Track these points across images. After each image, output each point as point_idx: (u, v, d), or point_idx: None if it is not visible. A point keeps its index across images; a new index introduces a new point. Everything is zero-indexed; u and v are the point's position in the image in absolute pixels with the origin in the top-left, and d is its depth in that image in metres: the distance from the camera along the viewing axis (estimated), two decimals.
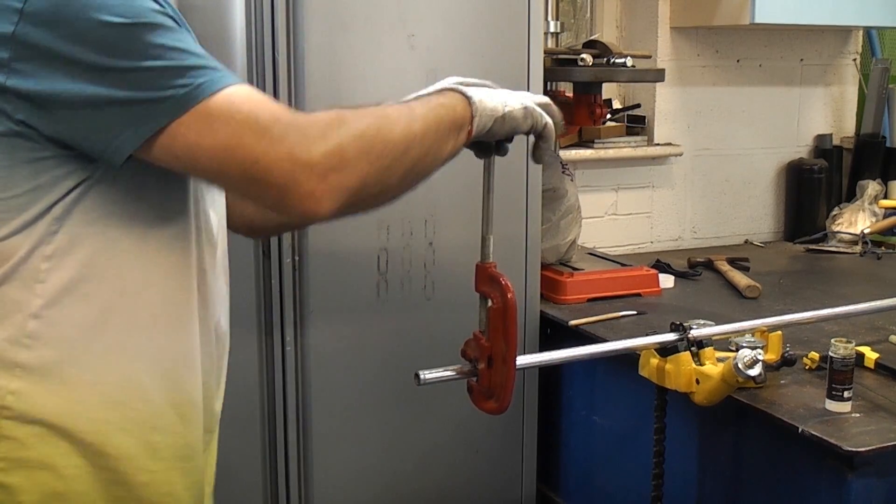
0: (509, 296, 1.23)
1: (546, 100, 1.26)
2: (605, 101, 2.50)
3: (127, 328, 1.08)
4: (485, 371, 1.27)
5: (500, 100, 1.18)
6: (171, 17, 1.01)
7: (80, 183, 1.03)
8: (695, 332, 1.72)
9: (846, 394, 1.65)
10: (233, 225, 1.32)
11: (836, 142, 3.31)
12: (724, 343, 1.84)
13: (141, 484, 1.11)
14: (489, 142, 1.25)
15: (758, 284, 2.48)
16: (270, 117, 0.98)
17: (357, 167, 1.00)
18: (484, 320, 1.27)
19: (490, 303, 1.26)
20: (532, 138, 1.26)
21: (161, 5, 1.01)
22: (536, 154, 1.28)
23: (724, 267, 2.69)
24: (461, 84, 1.19)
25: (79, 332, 1.05)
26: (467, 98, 1.15)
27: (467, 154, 1.27)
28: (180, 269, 1.11)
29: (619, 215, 3.04)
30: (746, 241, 3.21)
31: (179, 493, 1.15)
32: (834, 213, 3.16)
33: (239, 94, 0.99)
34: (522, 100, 1.21)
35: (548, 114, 1.24)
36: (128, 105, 0.97)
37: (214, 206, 1.21)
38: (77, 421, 1.06)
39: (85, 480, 1.08)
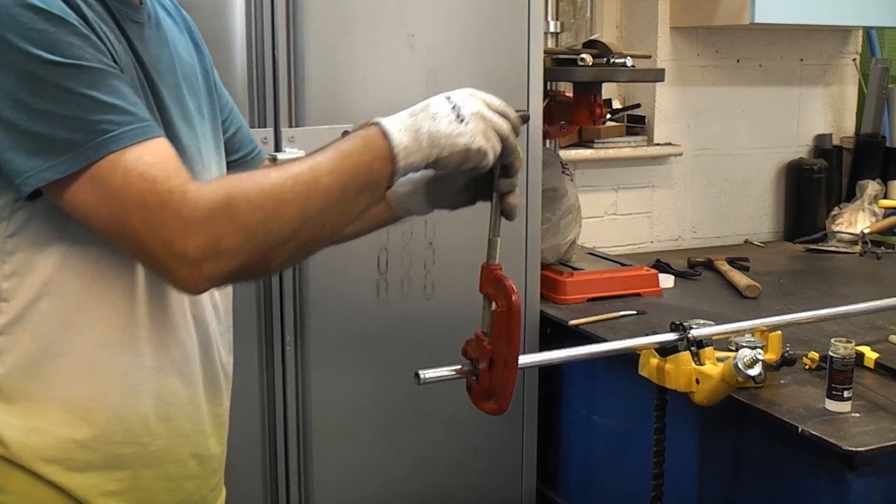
0: (514, 299, 1.21)
1: (504, 113, 1.10)
2: (605, 101, 2.50)
3: (88, 344, 1.07)
4: (485, 372, 1.26)
5: (444, 130, 1.05)
6: (95, 50, 0.97)
7: (21, 202, 1.01)
8: (695, 332, 1.72)
9: (846, 393, 1.65)
10: None
11: (835, 142, 3.31)
12: (724, 343, 1.84)
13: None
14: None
15: (758, 284, 2.48)
16: (157, 200, 0.95)
17: (234, 256, 0.97)
18: (487, 322, 1.26)
19: (494, 305, 1.25)
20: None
21: (85, 35, 0.97)
22: (505, 203, 1.17)
23: (724, 267, 2.69)
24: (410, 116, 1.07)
25: (41, 349, 1.05)
26: (390, 149, 1.04)
27: None
28: (123, 292, 1.09)
29: (618, 215, 3.04)
30: (746, 241, 3.21)
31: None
32: (834, 213, 3.16)
33: (143, 159, 0.96)
34: (474, 130, 1.06)
35: (504, 135, 1.09)
36: (34, 141, 0.95)
37: None
38: (40, 439, 1.06)
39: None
